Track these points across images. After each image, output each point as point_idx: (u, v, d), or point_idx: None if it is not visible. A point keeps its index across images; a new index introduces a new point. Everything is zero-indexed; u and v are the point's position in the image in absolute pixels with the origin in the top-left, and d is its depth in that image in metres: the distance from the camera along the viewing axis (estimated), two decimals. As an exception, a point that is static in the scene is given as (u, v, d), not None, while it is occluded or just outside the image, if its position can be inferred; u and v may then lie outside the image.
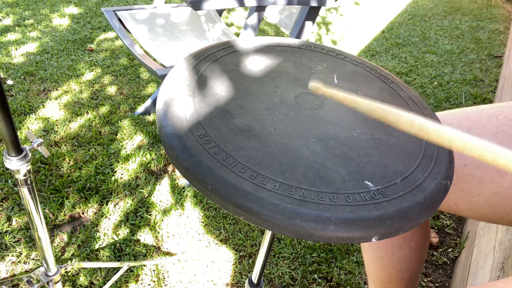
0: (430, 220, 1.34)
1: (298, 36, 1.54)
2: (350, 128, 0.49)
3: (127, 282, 1.11)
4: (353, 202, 0.39)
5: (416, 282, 0.87)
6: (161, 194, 1.40)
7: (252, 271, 0.79)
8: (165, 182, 1.45)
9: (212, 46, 0.61)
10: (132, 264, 1.12)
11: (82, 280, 1.09)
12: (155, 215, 1.32)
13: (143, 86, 1.96)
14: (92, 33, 2.39)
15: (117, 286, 1.10)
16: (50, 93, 1.82)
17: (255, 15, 1.37)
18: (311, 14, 1.51)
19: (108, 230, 1.25)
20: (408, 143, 0.49)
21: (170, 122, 0.45)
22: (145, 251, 1.21)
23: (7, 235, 1.18)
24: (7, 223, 1.21)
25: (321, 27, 3.13)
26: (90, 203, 1.32)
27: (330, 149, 0.45)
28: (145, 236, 1.25)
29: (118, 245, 1.21)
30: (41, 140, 0.67)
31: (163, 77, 1.32)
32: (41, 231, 0.77)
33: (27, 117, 1.65)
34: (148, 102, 1.77)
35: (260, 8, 1.36)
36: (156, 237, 1.26)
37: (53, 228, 1.23)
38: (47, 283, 0.86)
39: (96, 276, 1.11)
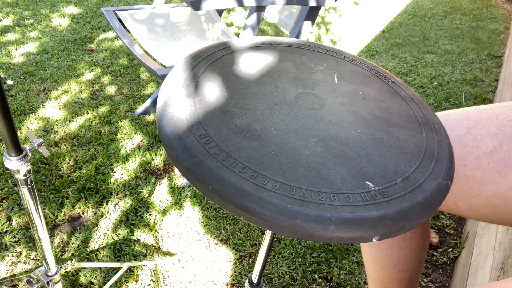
0: (430, 220, 1.34)
1: (298, 36, 1.54)
2: (350, 128, 0.49)
3: (127, 282, 1.11)
4: (353, 202, 0.39)
5: (416, 282, 0.86)
6: (161, 194, 1.40)
7: (252, 271, 0.79)
8: (165, 182, 1.45)
9: (212, 46, 0.61)
10: (132, 264, 1.12)
11: (82, 280, 1.09)
12: (155, 215, 1.32)
13: (143, 86, 1.96)
14: (92, 33, 2.39)
15: (117, 286, 1.10)
16: (50, 93, 1.82)
17: (254, 15, 1.37)
18: (311, 14, 1.51)
19: (108, 230, 1.25)
20: (409, 143, 0.49)
21: (170, 122, 0.45)
22: (145, 251, 1.21)
23: (7, 235, 1.17)
24: (7, 223, 1.21)
25: (321, 27, 3.13)
26: (90, 203, 1.32)
27: (330, 149, 0.45)
28: (145, 236, 1.25)
29: (118, 245, 1.21)
30: (41, 140, 0.67)
31: (163, 77, 1.32)
32: (41, 231, 0.77)
33: (27, 117, 1.64)
34: (148, 102, 1.77)
35: (259, 8, 1.36)
36: (156, 237, 1.26)
37: (53, 228, 1.23)
38: (47, 283, 0.86)
39: (96, 276, 1.11)
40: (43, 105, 1.73)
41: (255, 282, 0.77)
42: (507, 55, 2.77)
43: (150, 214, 1.32)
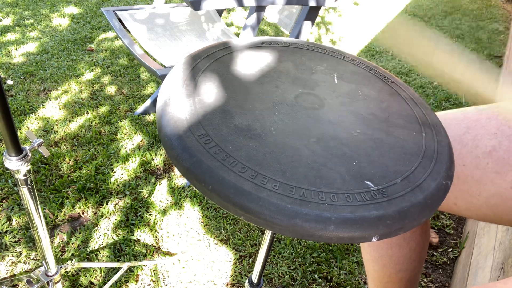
0: (430, 220, 1.34)
1: (298, 36, 1.54)
2: (350, 128, 0.49)
3: (127, 282, 1.11)
4: (353, 202, 0.39)
5: (416, 282, 0.87)
6: (161, 194, 1.40)
7: (252, 271, 0.79)
8: (165, 182, 1.45)
9: (212, 46, 0.61)
10: (132, 264, 1.12)
11: (82, 280, 1.09)
12: (155, 215, 1.32)
13: (143, 86, 1.96)
14: (92, 33, 2.39)
15: (117, 286, 1.10)
16: (50, 93, 1.82)
17: (254, 15, 1.37)
18: (311, 14, 1.51)
19: (108, 230, 1.25)
20: (409, 143, 0.49)
21: (170, 122, 0.45)
22: (145, 251, 1.21)
23: (7, 235, 1.17)
24: (7, 223, 1.21)
25: (321, 27, 3.13)
26: (90, 203, 1.32)
27: (330, 149, 0.45)
28: (145, 236, 1.25)
29: (118, 245, 1.21)
30: (41, 140, 0.67)
31: (163, 77, 1.32)
32: (41, 231, 0.77)
33: (27, 117, 1.64)
34: (148, 102, 1.77)
35: (259, 8, 1.36)
36: (156, 237, 1.26)
37: (53, 228, 1.23)
38: (47, 283, 0.86)
39: (96, 276, 1.11)
40: (43, 105, 1.73)
41: (255, 282, 0.77)
42: (507, 55, 2.77)
43: (150, 214, 1.32)
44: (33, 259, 1.13)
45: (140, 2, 2.98)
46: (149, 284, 1.12)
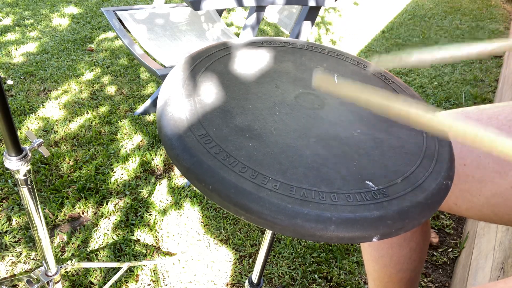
0: (430, 220, 1.34)
1: (298, 36, 1.54)
2: (350, 128, 0.49)
3: (127, 282, 1.11)
4: (354, 202, 0.39)
5: (416, 282, 0.87)
6: (161, 194, 1.40)
7: (252, 271, 0.79)
8: (165, 182, 1.45)
9: (212, 46, 0.61)
10: (132, 264, 1.12)
11: (82, 280, 1.09)
12: (155, 215, 1.32)
13: (143, 86, 1.96)
14: (92, 33, 2.39)
15: (117, 286, 1.10)
16: (50, 93, 1.82)
17: (254, 15, 1.37)
18: (311, 14, 1.51)
19: (108, 230, 1.25)
20: (409, 143, 0.49)
21: (171, 122, 0.45)
22: (145, 251, 1.21)
23: (7, 235, 1.17)
24: (7, 223, 1.21)
25: (321, 27, 3.13)
26: (90, 203, 1.32)
27: (330, 149, 0.45)
28: (145, 236, 1.25)
29: (118, 245, 1.21)
30: (41, 140, 0.67)
31: (163, 77, 1.32)
32: (41, 231, 0.77)
33: (27, 117, 1.64)
34: (148, 102, 1.77)
35: (259, 8, 1.36)
36: (156, 237, 1.26)
37: (53, 228, 1.23)
38: (47, 283, 0.86)
39: (96, 276, 1.11)
40: (43, 105, 1.72)
41: (255, 282, 0.77)
42: (507, 55, 2.77)
43: (150, 214, 1.32)
44: (33, 259, 1.13)
45: (140, 2, 2.98)
46: (149, 284, 1.12)
